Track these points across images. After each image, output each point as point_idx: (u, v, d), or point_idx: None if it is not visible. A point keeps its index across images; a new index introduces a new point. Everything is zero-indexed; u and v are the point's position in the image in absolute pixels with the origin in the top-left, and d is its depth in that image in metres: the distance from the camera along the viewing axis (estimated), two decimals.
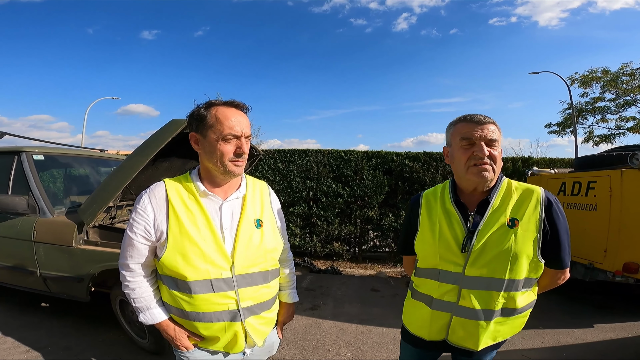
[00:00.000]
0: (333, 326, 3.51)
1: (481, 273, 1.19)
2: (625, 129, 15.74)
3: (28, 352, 2.78)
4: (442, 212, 1.30)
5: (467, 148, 1.21)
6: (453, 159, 1.28)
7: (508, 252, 1.16)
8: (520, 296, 1.21)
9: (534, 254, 1.18)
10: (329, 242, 6.33)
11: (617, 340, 3.26)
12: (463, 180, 1.27)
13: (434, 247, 1.28)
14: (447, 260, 1.25)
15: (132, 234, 1.19)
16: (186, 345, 1.24)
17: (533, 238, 1.17)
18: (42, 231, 2.89)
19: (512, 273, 1.17)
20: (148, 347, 2.78)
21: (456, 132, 1.25)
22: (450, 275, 1.25)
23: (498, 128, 1.22)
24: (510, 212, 1.20)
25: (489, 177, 1.19)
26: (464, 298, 1.22)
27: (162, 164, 2.99)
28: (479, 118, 1.21)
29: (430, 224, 1.32)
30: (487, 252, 1.18)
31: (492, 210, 1.22)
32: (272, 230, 1.33)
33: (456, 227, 1.25)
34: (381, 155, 6.47)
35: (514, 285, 1.19)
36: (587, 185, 4.01)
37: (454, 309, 1.25)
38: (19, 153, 3.20)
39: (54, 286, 3.00)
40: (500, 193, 1.24)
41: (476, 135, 1.18)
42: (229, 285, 1.18)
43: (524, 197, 1.22)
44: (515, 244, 1.16)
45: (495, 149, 1.19)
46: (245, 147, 1.19)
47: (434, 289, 1.30)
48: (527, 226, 1.18)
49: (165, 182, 1.24)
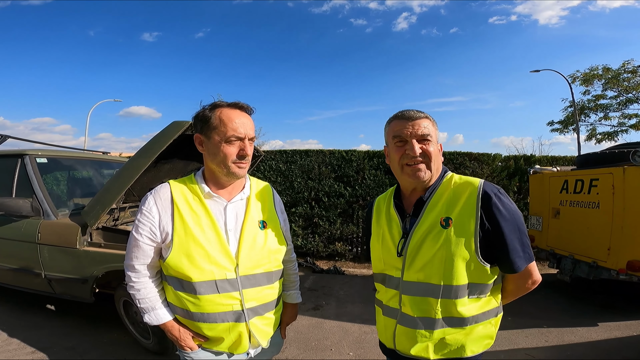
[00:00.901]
0: (336, 326, 3.51)
1: (418, 278, 1.10)
2: (628, 126, 15.69)
3: (34, 352, 2.80)
4: (386, 216, 1.26)
5: (400, 146, 1.14)
6: (389, 159, 1.21)
7: (441, 256, 1.06)
8: (468, 305, 1.08)
9: (471, 256, 1.05)
10: (331, 242, 6.33)
11: (622, 339, 3.25)
12: (401, 181, 1.22)
13: (379, 252, 1.24)
14: (390, 265, 1.20)
15: (138, 235, 1.19)
16: (190, 345, 1.24)
17: (468, 238, 1.05)
18: (46, 233, 2.91)
19: (448, 278, 1.06)
20: (152, 347, 2.79)
21: (390, 130, 1.18)
22: (393, 280, 1.19)
23: (432, 122, 1.16)
24: (444, 210, 1.10)
25: (423, 177, 1.12)
26: (404, 305, 1.14)
27: (164, 166, 3.01)
28: (410, 114, 1.13)
29: (377, 229, 1.28)
30: (421, 255, 1.10)
31: (426, 210, 1.13)
32: (276, 231, 1.34)
33: (394, 230, 1.20)
34: (382, 155, 6.46)
35: (453, 292, 1.06)
36: (590, 183, 4.00)
37: (398, 316, 1.17)
38: (23, 156, 3.23)
39: (59, 287, 3.02)
40: (439, 191, 1.15)
41: (407, 132, 1.11)
42: (234, 286, 1.19)
43: (460, 192, 1.11)
44: (448, 245, 1.05)
45: (428, 144, 1.12)
46: (248, 149, 1.20)
47: (383, 295, 1.25)
48: (460, 225, 1.06)
49: (170, 184, 1.25)
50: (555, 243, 4.57)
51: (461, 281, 1.06)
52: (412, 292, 1.12)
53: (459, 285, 1.06)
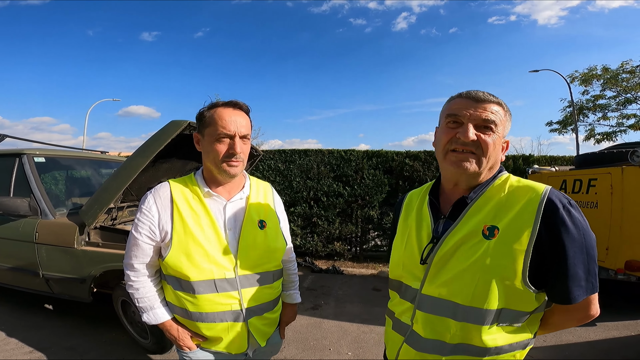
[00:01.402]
0: (334, 326, 3.52)
1: (439, 293, 0.91)
2: (627, 126, 15.73)
3: (31, 352, 2.79)
4: (416, 214, 1.07)
5: (452, 128, 0.94)
6: (436, 141, 1.02)
7: (476, 271, 0.85)
8: (496, 333, 0.86)
9: (515, 279, 0.83)
10: (330, 241, 6.33)
11: (620, 339, 3.26)
12: (442, 170, 1.01)
13: (401, 255, 1.05)
14: (409, 273, 1.01)
15: (137, 233, 1.19)
16: (189, 345, 1.24)
17: (517, 256, 0.83)
18: (44, 233, 2.90)
19: (477, 299, 0.85)
20: (150, 347, 2.79)
21: (446, 108, 0.99)
22: (410, 292, 1.00)
23: (505, 111, 0.94)
24: (491, 217, 0.89)
25: (469, 169, 0.91)
26: (416, 322, 0.95)
27: (163, 165, 3.00)
28: (479, 94, 0.92)
29: (403, 229, 1.10)
30: (450, 267, 0.89)
31: (468, 213, 0.92)
32: (276, 231, 1.34)
33: (423, 232, 1.00)
34: (381, 155, 6.47)
35: (478, 316, 0.85)
36: (588, 183, 4.01)
37: (407, 334, 0.99)
38: (20, 155, 3.22)
39: (57, 287, 3.01)
40: (487, 192, 0.94)
41: (465, 113, 0.91)
42: (233, 285, 1.19)
43: (516, 198, 0.89)
44: (487, 260, 0.84)
45: (489, 134, 0.90)
46: (238, 146, 1.18)
47: (396, 305, 1.07)
48: (509, 238, 0.84)
49: (169, 183, 1.25)
50: None
51: (492, 305, 0.84)
52: (428, 308, 0.93)
53: (487, 310, 0.85)
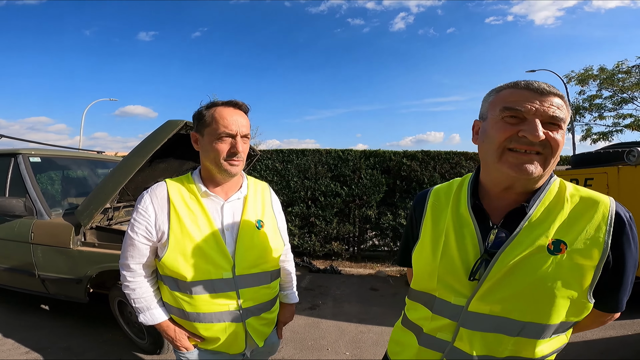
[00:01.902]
0: (332, 325, 3.51)
1: (492, 311, 0.83)
2: (623, 126, 15.81)
3: (28, 353, 2.78)
4: (453, 219, 0.93)
5: (512, 124, 0.80)
6: (484, 137, 0.86)
7: (541, 289, 0.78)
8: (545, 344, 0.84)
9: (581, 294, 0.79)
10: (328, 241, 6.33)
11: (617, 338, 3.27)
12: (492, 172, 0.87)
13: (432, 265, 0.92)
14: (447, 287, 0.89)
15: (134, 233, 1.18)
16: (186, 345, 1.23)
17: (586, 273, 0.78)
18: (40, 233, 2.88)
19: (540, 316, 0.80)
20: (147, 347, 2.78)
21: (498, 99, 0.85)
22: (449, 307, 0.89)
23: (567, 106, 0.82)
24: (555, 230, 0.81)
25: (534, 173, 0.79)
26: (461, 339, 0.87)
27: (159, 165, 3.00)
28: (543, 86, 0.80)
29: (433, 233, 0.96)
30: (509, 284, 0.81)
31: (528, 224, 0.82)
32: (273, 231, 1.33)
33: (468, 244, 0.88)
34: (379, 155, 6.47)
35: (538, 331, 0.81)
36: (585, 183, 4.02)
37: (447, 350, 0.90)
38: (16, 155, 3.20)
39: (53, 288, 3.00)
40: (545, 200, 0.84)
41: (530, 108, 0.78)
42: (230, 285, 1.18)
43: (581, 210, 0.82)
44: (554, 277, 0.78)
45: (557, 132, 0.79)
46: (240, 146, 1.19)
47: (426, 320, 0.94)
48: (579, 254, 0.78)
49: (166, 182, 1.24)
50: None
51: (556, 320, 0.80)
52: (478, 326, 0.85)
53: (549, 325, 0.80)
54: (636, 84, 14.67)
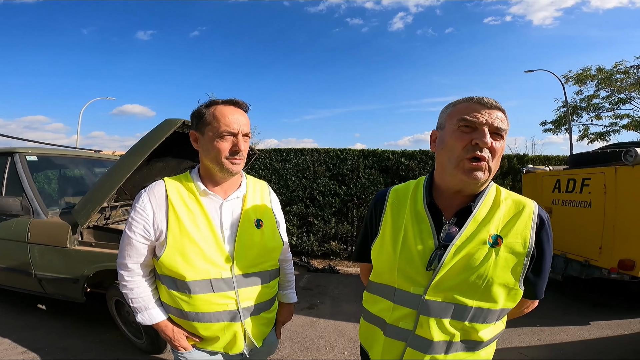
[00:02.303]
0: (330, 325, 3.51)
1: (445, 298, 0.96)
2: (620, 126, 15.87)
3: (25, 353, 2.76)
4: (411, 216, 1.05)
5: (466, 132, 0.94)
6: (443, 145, 0.99)
7: (483, 276, 0.93)
8: (488, 328, 0.99)
9: (515, 282, 0.95)
10: (326, 241, 6.33)
11: (614, 338, 3.29)
12: (447, 176, 1.00)
13: (393, 259, 1.03)
14: (407, 278, 1.00)
15: (131, 233, 1.17)
16: (184, 345, 1.23)
17: (517, 262, 0.95)
18: (36, 232, 2.87)
19: (483, 301, 0.95)
20: (145, 347, 2.77)
21: (455, 111, 0.98)
22: (408, 297, 1.00)
23: (507, 118, 0.97)
24: (494, 227, 0.97)
25: (481, 179, 0.93)
26: (421, 326, 0.97)
27: (157, 164, 2.98)
28: (488, 100, 0.95)
29: (393, 229, 1.07)
30: (458, 273, 0.95)
31: (473, 221, 0.98)
32: (272, 230, 1.33)
33: (425, 238, 1.00)
34: (377, 154, 6.47)
35: (483, 315, 0.96)
36: (582, 183, 4.03)
37: (409, 339, 1.00)
38: (12, 154, 3.18)
39: (49, 287, 2.98)
40: (486, 201, 1.00)
41: (481, 120, 0.92)
42: (229, 285, 1.17)
43: (513, 210, 1.00)
44: (494, 267, 0.93)
45: (499, 141, 0.94)
46: (241, 144, 1.18)
47: (388, 311, 1.05)
48: (512, 247, 0.95)
49: (165, 181, 1.23)
50: None
51: (497, 305, 0.96)
52: (436, 313, 0.96)
53: (492, 309, 0.96)
54: (634, 84, 14.73)
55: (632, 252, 3.38)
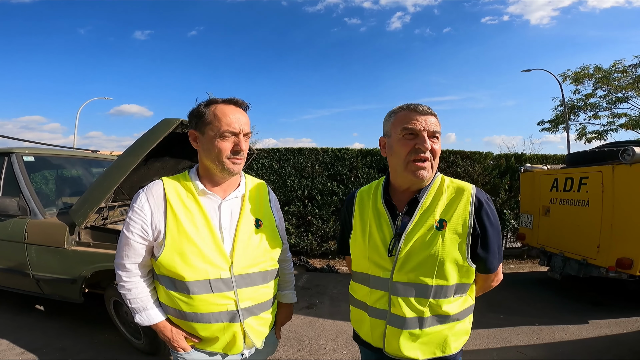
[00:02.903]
0: (329, 325, 3.51)
1: (409, 279, 1.11)
2: (617, 125, 15.93)
3: (23, 353, 2.75)
4: (373, 212, 1.23)
5: (410, 139, 1.11)
6: (392, 152, 1.17)
7: (435, 257, 1.08)
8: (453, 303, 1.13)
9: (463, 259, 1.10)
10: (325, 240, 6.32)
11: (612, 337, 3.30)
12: (399, 177, 1.18)
13: (364, 249, 1.22)
14: (376, 265, 1.18)
15: (129, 233, 1.17)
16: (183, 346, 1.22)
17: (461, 242, 1.09)
18: (34, 233, 2.85)
19: (439, 279, 1.10)
20: (143, 347, 2.76)
21: (397, 121, 1.14)
22: (380, 281, 1.17)
23: (438, 121, 1.14)
24: (439, 212, 1.13)
25: (425, 177, 1.12)
26: (394, 305, 1.14)
27: (155, 164, 2.97)
28: (423, 108, 1.12)
29: (361, 225, 1.25)
30: (414, 256, 1.10)
31: (421, 210, 1.14)
32: (272, 230, 1.32)
33: (385, 229, 1.17)
34: (375, 153, 6.47)
35: (443, 292, 1.11)
36: (579, 181, 4.04)
37: (387, 317, 1.16)
38: (9, 154, 3.16)
39: (47, 288, 2.97)
40: (431, 192, 1.17)
41: (419, 127, 1.09)
42: (228, 285, 1.17)
43: (454, 196, 1.14)
44: (442, 247, 1.08)
45: (436, 142, 1.12)
46: (243, 144, 1.18)
47: (367, 296, 1.22)
48: (455, 228, 1.10)
49: (163, 181, 1.22)
50: (545, 241, 4.61)
51: (451, 281, 1.10)
52: (403, 292, 1.12)
53: (449, 286, 1.11)
54: (631, 84, 14.77)
55: (629, 251, 3.39)
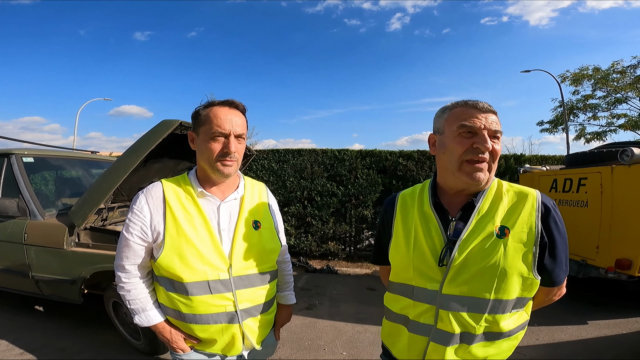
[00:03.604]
0: (329, 325, 3.51)
1: (461, 291, 0.99)
2: (617, 126, 15.94)
3: (22, 354, 2.76)
4: (419, 216, 1.10)
5: (467, 138, 0.99)
6: (445, 150, 1.05)
7: (495, 268, 0.96)
8: (509, 318, 1.01)
9: (528, 271, 0.97)
10: (324, 241, 6.32)
11: (612, 337, 3.30)
12: (450, 178, 1.06)
13: (407, 258, 1.08)
14: (423, 275, 1.05)
15: (128, 234, 1.17)
16: (182, 347, 1.22)
17: (527, 251, 0.97)
18: (33, 234, 2.85)
19: (499, 292, 0.97)
20: (142, 348, 2.76)
21: (453, 117, 1.03)
22: (426, 293, 1.04)
23: (499, 120, 1.03)
24: (499, 219, 1.00)
25: (482, 180, 1.00)
26: (441, 320, 1.01)
27: (154, 165, 2.98)
28: (483, 104, 1.00)
29: (405, 231, 1.12)
30: (470, 266, 0.98)
31: (478, 216, 1.02)
32: (270, 231, 1.32)
33: (434, 236, 1.05)
34: (375, 154, 6.48)
35: (501, 307, 0.98)
36: (578, 182, 4.05)
37: (432, 333, 1.03)
38: (9, 155, 3.17)
39: (47, 289, 2.97)
40: (489, 195, 1.04)
41: (479, 125, 0.98)
42: (227, 286, 1.17)
43: (516, 201, 1.02)
44: (504, 257, 0.96)
45: (497, 143, 1.00)
46: (232, 145, 1.17)
47: (409, 309, 1.09)
48: (519, 236, 0.98)
49: (162, 183, 1.23)
50: None
51: (512, 295, 0.98)
52: (454, 307, 0.99)
53: (509, 300, 0.98)
54: (630, 84, 14.79)
55: (628, 252, 3.39)
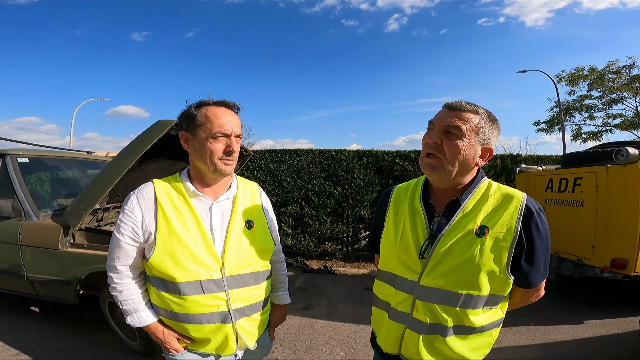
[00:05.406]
0: (326, 326, 3.51)
1: (437, 284, 1.04)
2: (612, 125, 16.03)
3: (18, 355, 2.74)
4: (409, 210, 1.16)
5: (427, 133, 1.08)
6: None
7: (470, 264, 1.00)
8: (481, 315, 1.05)
9: (501, 270, 1.01)
10: (322, 241, 6.32)
11: (608, 337, 3.31)
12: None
13: (394, 247, 1.15)
14: (405, 266, 1.11)
15: (120, 235, 1.17)
16: (176, 347, 1.22)
17: (502, 251, 1.01)
18: (28, 234, 2.84)
19: (471, 288, 1.01)
20: (139, 349, 2.75)
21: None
22: (406, 283, 1.10)
23: (482, 118, 1.04)
24: (481, 218, 1.04)
25: (432, 172, 1.06)
26: (417, 310, 1.07)
27: (150, 165, 2.97)
28: (456, 104, 1.05)
29: (395, 223, 1.18)
30: (447, 261, 1.03)
31: (461, 214, 1.06)
32: (263, 231, 1.32)
33: (419, 229, 1.10)
34: (372, 154, 6.48)
35: (472, 302, 1.02)
36: (574, 182, 4.06)
37: (408, 321, 1.10)
38: (4, 156, 3.15)
39: (42, 289, 2.96)
40: (475, 195, 1.08)
41: (436, 120, 1.06)
42: (219, 286, 1.17)
43: (501, 202, 1.05)
44: (480, 255, 1.00)
45: (452, 139, 1.02)
46: (234, 145, 1.19)
47: (392, 297, 1.15)
48: (497, 236, 1.01)
49: (154, 183, 1.23)
50: None
51: (484, 292, 1.02)
52: (429, 298, 1.05)
53: (480, 296, 1.02)
54: (625, 84, 14.88)
55: (624, 251, 3.41)
